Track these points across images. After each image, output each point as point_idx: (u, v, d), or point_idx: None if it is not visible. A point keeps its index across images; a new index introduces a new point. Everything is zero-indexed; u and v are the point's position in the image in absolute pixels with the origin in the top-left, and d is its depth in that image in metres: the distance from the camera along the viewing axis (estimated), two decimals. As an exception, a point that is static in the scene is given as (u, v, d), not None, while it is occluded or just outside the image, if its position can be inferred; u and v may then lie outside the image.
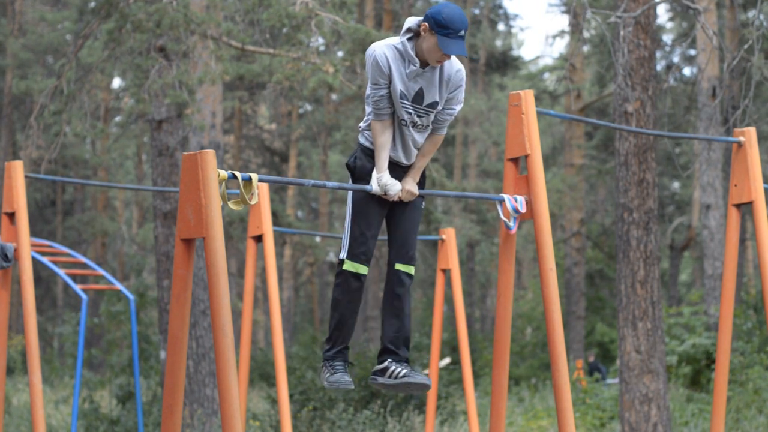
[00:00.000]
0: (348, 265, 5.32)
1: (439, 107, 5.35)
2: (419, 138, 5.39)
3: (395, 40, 5.26)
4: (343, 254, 5.37)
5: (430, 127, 5.40)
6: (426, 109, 5.31)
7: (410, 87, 5.25)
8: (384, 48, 5.22)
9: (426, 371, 13.64)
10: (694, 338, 17.70)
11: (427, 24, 5.16)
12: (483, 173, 35.19)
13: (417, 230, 5.52)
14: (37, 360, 7.44)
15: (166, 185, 13.26)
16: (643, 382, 11.21)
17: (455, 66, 5.32)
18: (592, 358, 23.50)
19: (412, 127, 5.33)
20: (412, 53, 5.21)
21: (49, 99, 13.68)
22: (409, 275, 5.48)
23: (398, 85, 5.23)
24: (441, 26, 5.11)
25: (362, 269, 5.34)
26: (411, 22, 5.26)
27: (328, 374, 5.35)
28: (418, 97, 5.27)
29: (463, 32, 5.12)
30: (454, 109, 5.40)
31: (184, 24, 12.18)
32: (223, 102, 18.86)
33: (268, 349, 29.25)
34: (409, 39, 5.24)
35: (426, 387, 5.39)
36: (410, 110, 5.29)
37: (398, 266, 5.46)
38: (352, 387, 5.41)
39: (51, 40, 28.23)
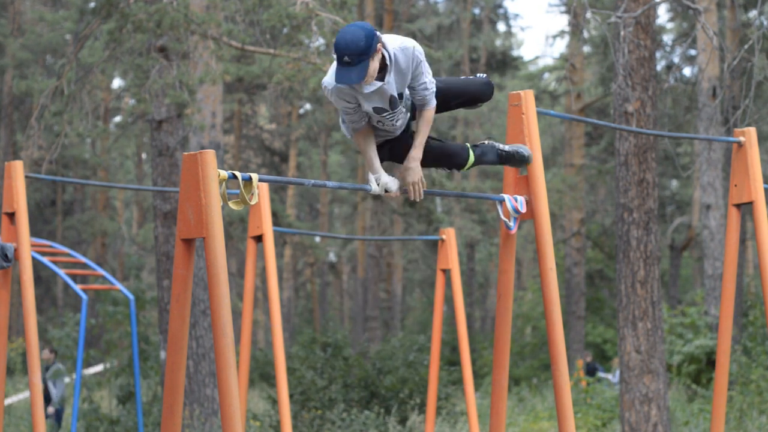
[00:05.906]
0: None
1: (406, 92, 5.19)
2: (399, 123, 5.26)
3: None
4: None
5: (407, 111, 5.24)
6: (393, 109, 5.15)
7: (371, 104, 5.10)
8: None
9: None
10: (699, 338, 17.69)
11: None
12: (483, 173, 35.19)
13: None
14: (37, 360, 7.43)
15: (166, 185, 13.27)
16: (643, 382, 11.20)
17: (398, 51, 5.00)
18: (589, 359, 23.48)
19: (391, 126, 5.24)
20: None
21: (49, 99, 13.68)
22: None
23: (364, 104, 5.10)
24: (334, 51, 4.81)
25: None
26: None
27: None
28: (380, 109, 5.13)
29: (347, 57, 4.72)
30: (424, 82, 5.14)
31: (185, 24, 12.19)
32: (223, 103, 18.86)
33: (268, 349, 29.25)
34: None
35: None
36: (381, 119, 5.19)
37: None
38: None
39: (51, 40, 28.22)
